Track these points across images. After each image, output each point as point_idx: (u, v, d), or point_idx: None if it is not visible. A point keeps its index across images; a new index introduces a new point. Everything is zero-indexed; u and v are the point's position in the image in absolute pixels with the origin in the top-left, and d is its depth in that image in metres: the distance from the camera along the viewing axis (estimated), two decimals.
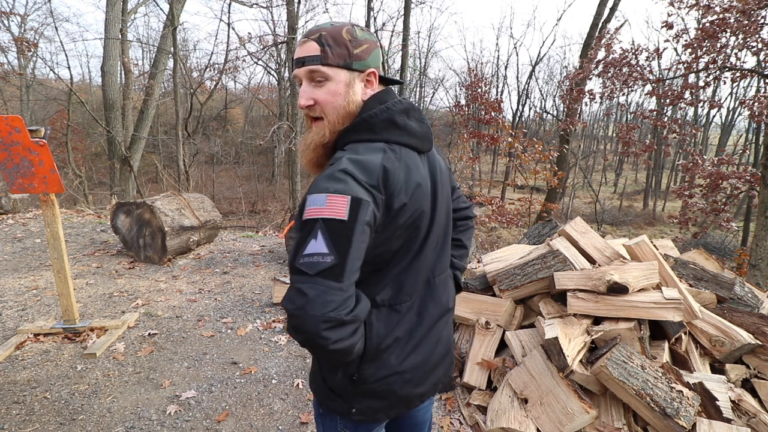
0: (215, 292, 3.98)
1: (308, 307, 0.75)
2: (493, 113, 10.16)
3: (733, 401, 1.97)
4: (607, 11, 12.18)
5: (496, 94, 24.65)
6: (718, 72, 6.32)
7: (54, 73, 13.57)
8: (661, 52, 6.90)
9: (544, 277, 2.51)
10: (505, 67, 35.03)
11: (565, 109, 11.88)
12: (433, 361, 1.06)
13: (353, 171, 0.83)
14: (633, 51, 6.85)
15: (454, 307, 1.17)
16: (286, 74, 13.59)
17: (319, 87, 0.93)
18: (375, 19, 16.61)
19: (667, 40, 6.87)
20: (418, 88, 27.42)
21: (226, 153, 21.65)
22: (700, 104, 7.74)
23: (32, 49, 11.91)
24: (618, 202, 23.48)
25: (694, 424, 1.80)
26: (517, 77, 39.42)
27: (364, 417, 0.99)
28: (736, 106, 23.41)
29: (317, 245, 0.78)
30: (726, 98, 24.56)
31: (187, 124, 12.85)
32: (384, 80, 1.04)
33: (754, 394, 2.14)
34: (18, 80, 15.25)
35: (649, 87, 6.92)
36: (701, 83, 6.53)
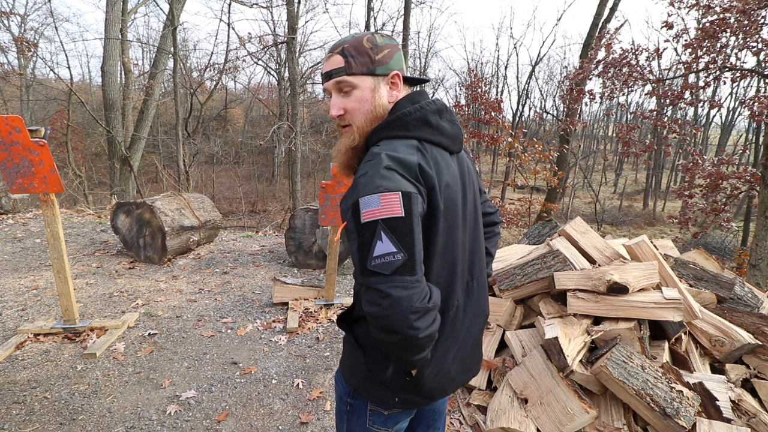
0: (215, 292, 3.98)
1: (396, 305, 0.79)
2: (493, 113, 10.16)
3: (733, 401, 1.97)
4: (607, 11, 12.18)
5: (496, 94, 24.64)
6: (718, 72, 6.32)
7: (54, 73, 13.55)
8: (661, 52, 6.89)
9: (544, 277, 2.51)
10: (505, 67, 35.03)
11: (565, 109, 11.88)
12: (471, 362, 1.12)
13: (395, 166, 0.86)
14: (633, 51, 6.85)
15: (488, 312, 1.20)
16: (286, 74, 13.59)
17: (347, 96, 0.99)
18: (375, 19, 16.62)
19: (667, 40, 6.88)
20: (417, 89, 27.35)
21: (226, 153, 21.65)
22: (700, 104, 7.74)
23: (32, 49, 11.90)
24: (618, 202, 23.46)
25: (694, 424, 1.80)
26: (517, 77, 39.42)
27: (405, 406, 1.03)
28: (736, 106, 23.42)
29: (384, 246, 0.81)
30: (726, 98, 24.54)
31: (187, 124, 12.85)
32: (410, 80, 1.07)
33: (754, 394, 2.14)
34: (18, 80, 15.24)
35: (649, 87, 6.92)
36: (701, 83, 6.53)
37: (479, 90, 10.46)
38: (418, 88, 1.12)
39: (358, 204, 0.84)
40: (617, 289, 2.20)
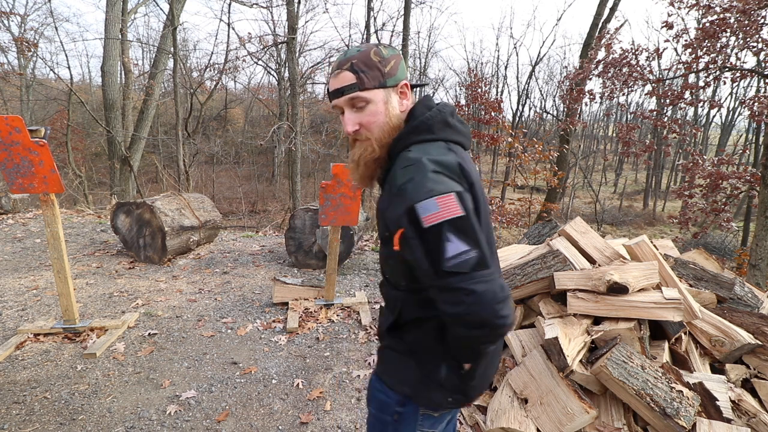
0: (215, 292, 3.98)
1: (482, 299, 0.81)
2: (493, 113, 10.14)
3: (733, 401, 1.97)
4: (607, 11, 12.18)
5: (496, 94, 24.64)
6: (718, 72, 6.31)
7: (54, 73, 13.56)
8: (661, 52, 6.89)
9: (544, 277, 2.51)
10: (505, 67, 35.03)
11: (565, 109, 11.88)
12: (501, 345, 1.15)
13: (440, 169, 0.89)
14: (633, 51, 6.84)
15: None
16: (286, 74, 13.58)
17: (361, 111, 1.00)
18: (375, 19, 16.61)
19: (667, 40, 6.87)
20: (417, 89, 27.40)
21: (226, 153, 21.64)
22: (700, 104, 7.74)
23: (32, 49, 11.90)
24: (618, 202, 23.46)
25: (694, 424, 1.80)
26: (517, 77, 39.42)
27: (455, 405, 1.06)
28: (736, 106, 23.42)
29: (455, 245, 0.83)
30: (726, 98, 24.54)
31: (187, 124, 12.85)
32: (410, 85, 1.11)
33: (754, 394, 2.14)
34: (18, 80, 15.24)
35: (649, 87, 6.91)
36: (701, 83, 6.52)
37: (479, 90, 10.45)
38: (417, 92, 1.14)
39: (414, 210, 0.84)
40: (617, 289, 2.20)
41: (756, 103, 6.19)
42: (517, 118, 24.67)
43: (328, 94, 1.04)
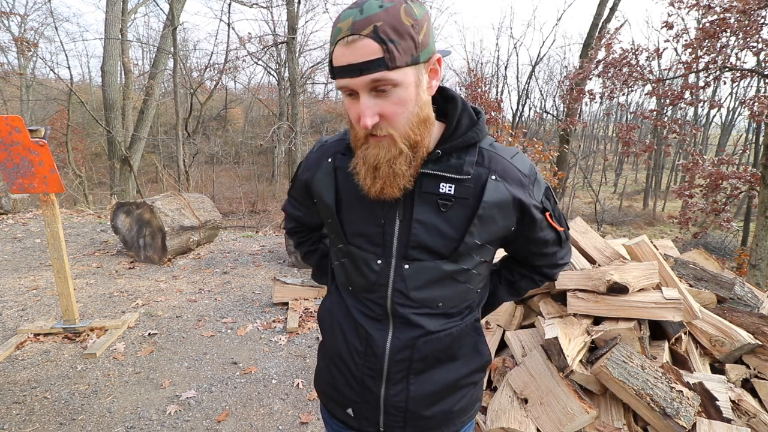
0: (215, 292, 3.98)
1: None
2: (492, 113, 10.15)
3: (733, 401, 1.97)
4: (607, 11, 12.18)
5: (496, 94, 24.59)
6: (718, 72, 6.32)
7: (54, 73, 13.57)
8: (661, 52, 6.89)
9: None
10: (505, 67, 34.89)
11: (565, 109, 11.89)
12: None
13: None
14: (633, 51, 6.85)
15: None
16: (286, 74, 13.58)
17: (383, 97, 0.71)
18: None
19: (667, 40, 6.88)
20: None
21: (226, 153, 21.66)
22: (700, 104, 7.74)
23: (32, 49, 11.90)
24: (618, 202, 23.48)
25: (694, 424, 1.80)
26: (517, 77, 39.27)
27: None
28: (736, 106, 23.41)
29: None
30: (726, 98, 24.56)
31: (187, 124, 12.86)
32: None
33: (754, 394, 2.14)
34: (18, 80, 15.24)
35: (649, 87, 6.92)
36: (701, 83, 6.52)
37: (479, 90, 10.45)
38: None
39: (549, 189, 0.92)
40: (617, 289, 2.20)
41: (756, 103, 6.19)
42: (517, 118, 24.64)
43: (331, 70, 0.72)
